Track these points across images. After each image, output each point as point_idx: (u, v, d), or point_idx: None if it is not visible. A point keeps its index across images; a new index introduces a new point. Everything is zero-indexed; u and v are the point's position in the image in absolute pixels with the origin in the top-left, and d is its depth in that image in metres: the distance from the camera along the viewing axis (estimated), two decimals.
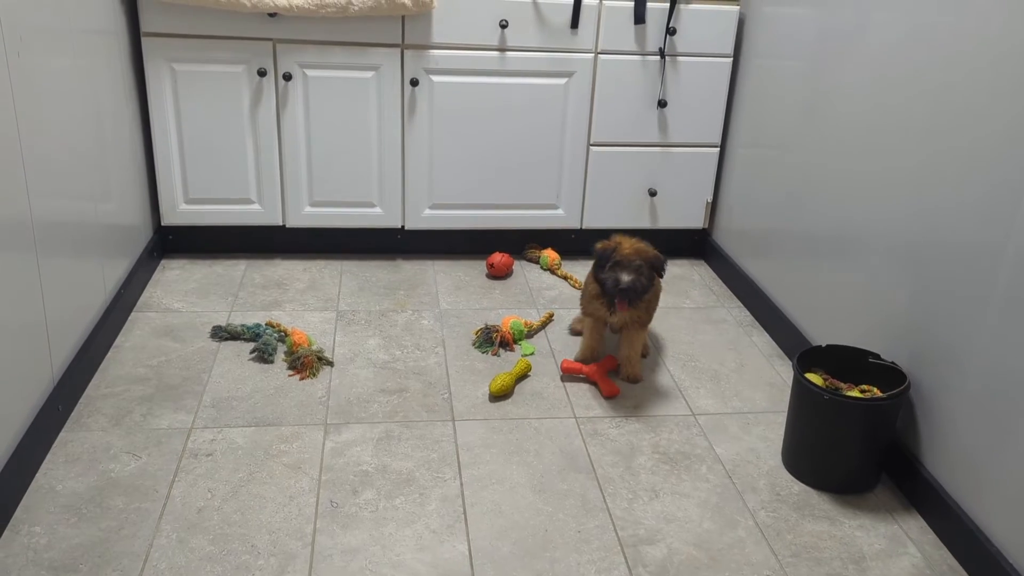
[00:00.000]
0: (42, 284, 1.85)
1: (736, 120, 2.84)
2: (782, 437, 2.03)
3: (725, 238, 2.94)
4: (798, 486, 1.89)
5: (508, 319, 2.44)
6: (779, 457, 1.98)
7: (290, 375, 2.19)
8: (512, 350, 2.39)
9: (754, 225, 2.72)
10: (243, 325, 2.34)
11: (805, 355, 1.96)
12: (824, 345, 1.99)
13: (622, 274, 2.10)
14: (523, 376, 2.24)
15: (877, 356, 1.93)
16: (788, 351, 2.43)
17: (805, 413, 1.87)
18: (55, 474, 1.78)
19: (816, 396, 1.82)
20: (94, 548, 1.59)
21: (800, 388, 1.87)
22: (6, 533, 1.61)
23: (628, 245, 2.15)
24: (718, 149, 2.92)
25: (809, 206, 2.35)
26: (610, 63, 2.75)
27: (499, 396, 2.15)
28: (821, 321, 2.28)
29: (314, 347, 2.28)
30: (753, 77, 2.72)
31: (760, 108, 2.67)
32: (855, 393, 1.88)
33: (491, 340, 2.37)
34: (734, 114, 2.86)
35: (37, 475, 1.77)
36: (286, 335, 2.32)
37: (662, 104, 2.82)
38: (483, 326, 2.43)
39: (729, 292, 2.84)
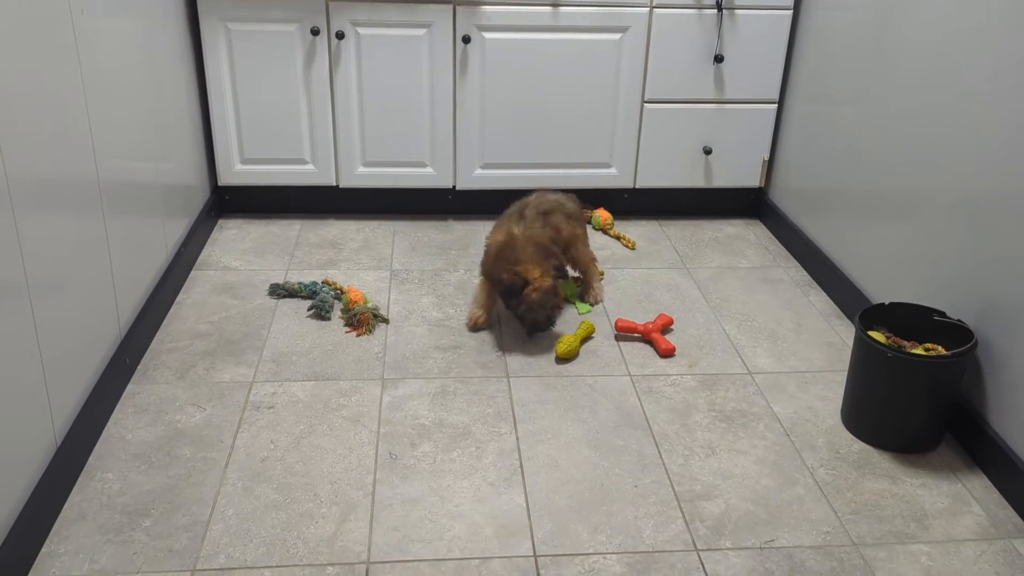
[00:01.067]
0: (108, 242, 1.89)
1: (795, 75, 2.78)
2: (841, 396, 2.01)
3: (782, 196, 2.89)
4: (858, 444, 1.87)
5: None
6: (838, 416, 1.96)
7: (347, 332, 2.22)
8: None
9: (813, 183, 2.66)
10: (300, 283, 2.38)
11: (867, 313, 1.93)
12: (887, 303, 1.95)
13: (536, 315, 2.13)
14: (587, 338, 2.23)
15: (942, 314, 1.89)
16: (847, 310, 2.39)
17: (867, 371, 1.84)
18: (125, 424, 1.84)
19: (880, 354, 1.79)
20: (164, 494, 1.64)
21: (863, 346, 1.84)
22: (80, 479, 1.67)
23: (536, 280, 2.09)
24: (776, 105, 2.86)
25: (871, 162, 2.30)
26: (666, 17, 2.70)
27: (566, 359, 2.14)
28: (882, 279, 2.23)
29: (369, 304, 2.30)
30: (814, 30, 2.64)
31: (821, 62, 2.60)
32: (919, 351, 1.84)
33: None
34: (793, 68, 2.79)
35: (108, 424, 1.83)
36: (342, 293, 2.34)
37: (719, 59, 2.76)
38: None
39: (785, 251, 2.79)
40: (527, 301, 2.10)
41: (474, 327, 2.25)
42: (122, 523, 1.57)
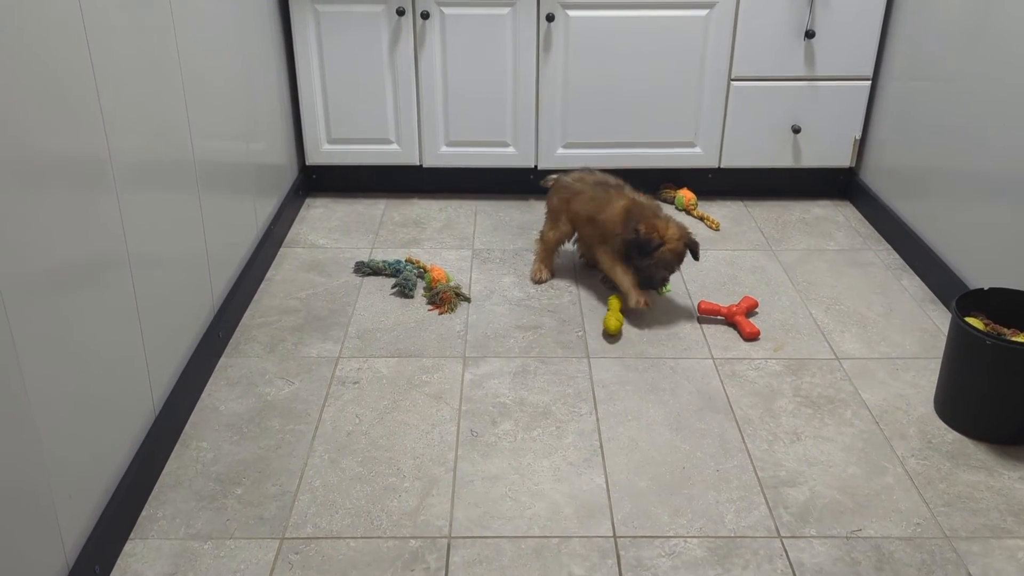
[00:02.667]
0: (203, 219, 1.96)
1: (891, 50, 2.67)
2: (934, 384, 1.94)
3: (874, 177, 2.79)
4: (952, 434, 1.81)
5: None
6: (931, 404, 1.90)
7: (429, 310, 2.25)
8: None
9: (908, 162, 2.56)
10: (384, 261, 2.42)
11: (965, 298, 1.85)
12: (986, 288, 1.87)
13: (660, 273, 2.17)
14: (622, 309, 2.22)
15: None
16: (943, 295, 2.30)
17: (964, 359, 1.77)
18: (218, 395, 1.91)
19: (978, 341, 1.72)
20: (255, 464, 1.71)
21: (959, 332, 1.77)
22: (177, 447, 1.75)
23: (671, 241, 2.15)
24: (869, 82, 2.76)
25: (971, 140, 2.20)
26: None
27: (615, 335, 2.15)
28: (982, 263, 2.14)
29: (452, 283, 2.33)
30: (911, 3, 2.53)
31: (919, 36, 2.49)
32: (1020, 339, 1.76)
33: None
34: (889, 44, 2.68)
35: (202, 395, 1.90)
36: (425, 271, 2.38)
37: (810, 35, 2.68)
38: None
39: (876, 234, 2.70)
40: (659, 257, 2.13)
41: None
42: (216, 490, 1.64)
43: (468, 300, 2.30)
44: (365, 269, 2.42)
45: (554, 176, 2.44)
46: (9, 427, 1.19)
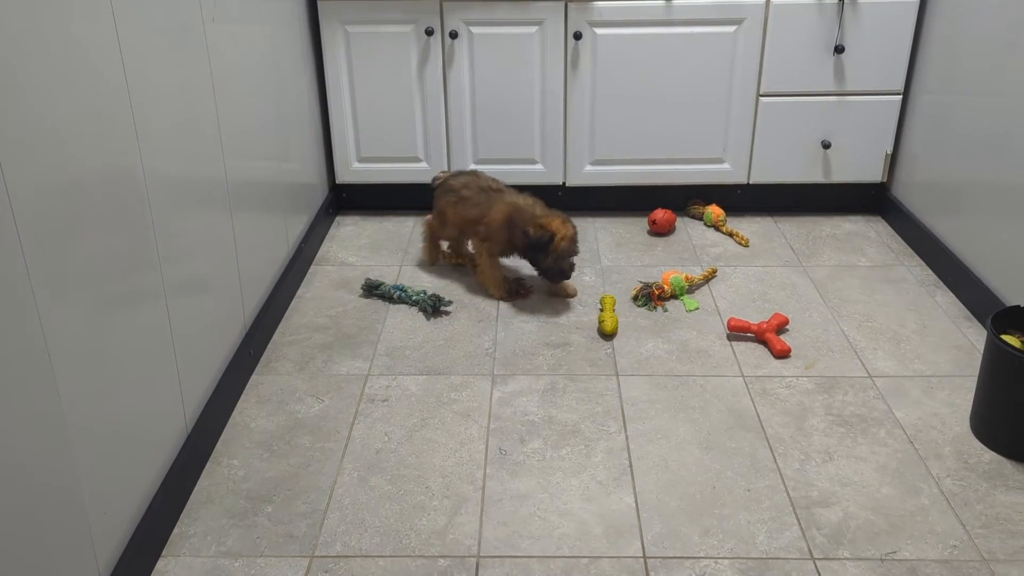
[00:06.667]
0: (235, 237, 1.98)
1: (922, 64, 2.64)
2: (970, 403, 1.90)
3: (906, 192, 2.76)
4: (989, 455, 1.77)
5: (668, 274, 2.41)
6: (967, 423, 1.86)
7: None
8: (660, 306, 2.35)
9: (941, 177, 2.53)
10: (394, 286, 2.38)
11: (1000, 316, 1.82)
12: (1022, 305, 1.84)
13: (563, 264, 2.30)
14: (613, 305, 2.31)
15: None
16: (978, 312, 2.26)
17: (1000, 377, 1.74)
18: (249, 413, 1.93)
19: (1014, 359, 1.69)
20: (285, 482, 1.72)
21: (995, 350, 1.74)
22: (208, 464, 1.76)
23: (559, 231, 2.26)
24: (900, 96, 2.73)
25: (1006, 154, 2.16)
26: (783, 7, 2.62)
27: (611, 334, 2.21)
28: (1018, 280, 2.10)
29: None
30: (944, 15, 2.51)
31: (951, 49, 2.47)
32: None
33: (651, 296, 2.35)
34: (920, 57, 2.66)
35: (233, 413, 1.92)
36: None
37: (839, 50, 2.66)
38: (641, 284, 2.40)
39: (909, 250, 2.67)
40: (556, 251, 2.26)
41: (503, 298, 2.41)
42: (246, 508, 1.65)
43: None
44: (373, 294, 2.40)
45: (442, 173, 2.61)
46: (45, 445, 1.21)
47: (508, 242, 2.35)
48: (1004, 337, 1.78)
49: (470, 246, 2.54)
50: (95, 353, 1.34)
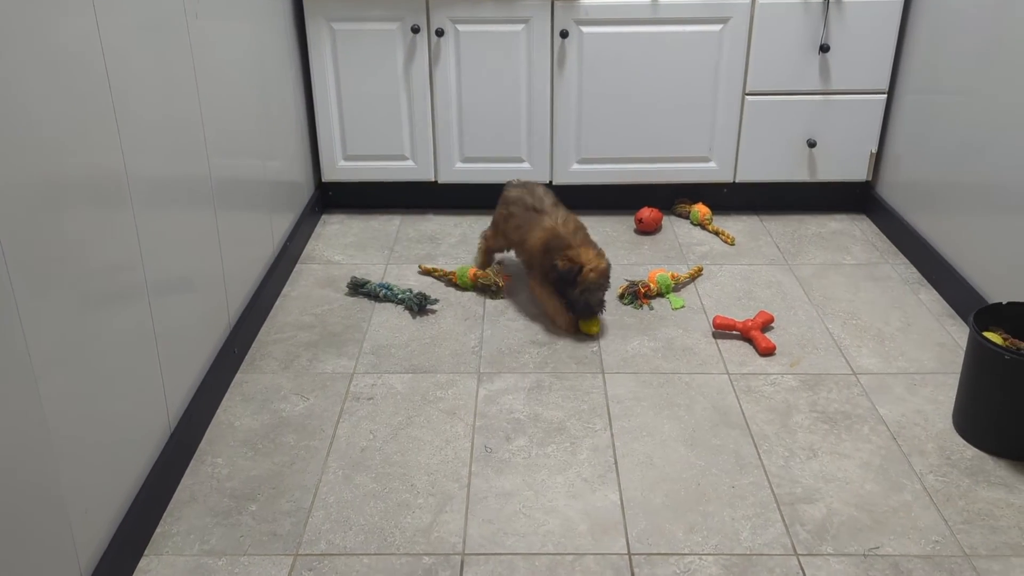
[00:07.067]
0: (219, 236, 1.97)
1: (907, 63, 2.66)
2: (953, 399, 1.92)
3: (890, 191, 2.77)
4: (971, 451, 1.78)
5: (655, 272, 2.41)
6: (950, 420, 1.87)
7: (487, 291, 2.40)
8: (646, 304, 2.35)
9: (925, 176, 2.55)
10: (380, 285, 2.37)
11: (983, 312, 1.84)
12: (1004, 302, 1.85)
13: (591, 297, 2.15)
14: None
15: None
16: (961, 310, 2.28)
17: (982, 374, 1.75)
18: (233, 411, 1.92)
19: (996, 356, 1.70)
20: (269, 480, 1.71)
21: (977, 347, 1.75)
22: (192, 463, 1.76)
23: (590, 263, 2.14)
24: (885, 96, 2.75)
25: (990, 153, 2.18)
26: (769, 7, 2.63)
27: (594, 333, 2.20)
28: (1000, 277, 2.12)
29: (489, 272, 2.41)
30: (928, 15, 2.53)
31: (935, 49, 2.48)
32: None
33: (637, 294, 2.35)
34: (904, 57, 2.67)
35: (217, 411, 1.91)
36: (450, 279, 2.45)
37: (824, 49, 2.67)
38: (627, 282, 2.40)
39: (894, 248, 2.69)
40: (584, 283, 2.13)
41: (569, 330, 2.24)
42: (230, 506, 1.64)
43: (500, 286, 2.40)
44: (359, 292, 2.40)
45: (515, 181, 2.49)
46: (25, 443, 1.20)
47: (546, 269, 2.22)
48: (986, 334, 1.79)
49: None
50: (76, 351, 1.33)
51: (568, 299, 2.18)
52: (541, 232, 2.25)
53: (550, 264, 2.18)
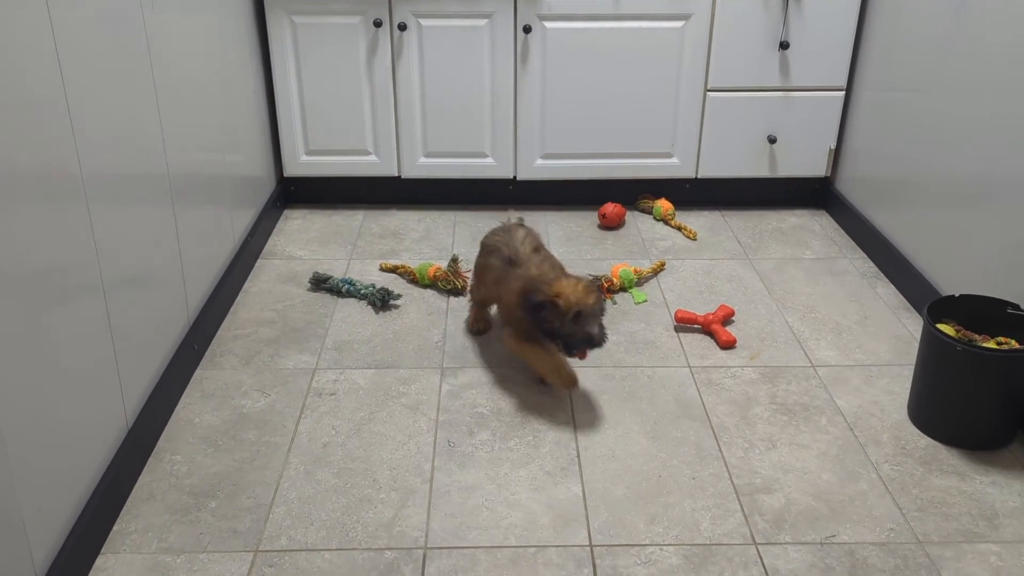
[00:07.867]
0: (178, 231, 1.95)
1: (864, 61, 2.70)
2: (908, 390, 1.95)
3: (849, 186, 2.82)
4: (925, 440, 1.82)
5: (618, 267, 2.43)
6: (905, 411, 1.91)
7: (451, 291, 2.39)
8: (609, 299, 2.37)
9: (882, 172, 2.59)
10: (342, 280, 2.36)
11: (936, 305, 1.87)
12: (957, 295, 1.89)
13: (591, 327, 1.80)
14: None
15: (1016, 307, 1.82)
16: (916, 303, 2.32)
17: (935, 365, 1.79)
18: (192, 408, 1.90)
19: (948, 347, 1.74)
20: (229, 476, 1.69)
21: (931, 338, 1.79)
22: (150, 460, 1.73)
23: (568, 288, 1.81)
24: (843, 93, 2.79)
25: (944, 150, 2.22)
26: (729, 3, 2.65)
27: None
28: (954, 271, 2.16)
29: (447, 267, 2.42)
30: (885, 14, 2.57)
31: (892, 47, 2.53)
32: (991, 345, 1.78)
33: (600, 289, 2.36)
34: (862, 55, 2.71)
35: (176, 408, 1.89)
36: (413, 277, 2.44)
37: (784, 46, 2.70)
38: (591, 277, 2.41)
39: (852, 243, 2.73)
40: (573, 308, 1.79)
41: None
42: (189, 504, 1.62)
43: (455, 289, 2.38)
44: (321, 287, 2.37)
45: (498, 226, 2.19)
46: None
47: (526, 321, 1.88)
48: (939, 326, 1.83)
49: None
50: (28, 349, 1.31)
51: (563, 341, 1.83)
52: (516, 283, 1.93)
53: (530, 306, 1.84)
